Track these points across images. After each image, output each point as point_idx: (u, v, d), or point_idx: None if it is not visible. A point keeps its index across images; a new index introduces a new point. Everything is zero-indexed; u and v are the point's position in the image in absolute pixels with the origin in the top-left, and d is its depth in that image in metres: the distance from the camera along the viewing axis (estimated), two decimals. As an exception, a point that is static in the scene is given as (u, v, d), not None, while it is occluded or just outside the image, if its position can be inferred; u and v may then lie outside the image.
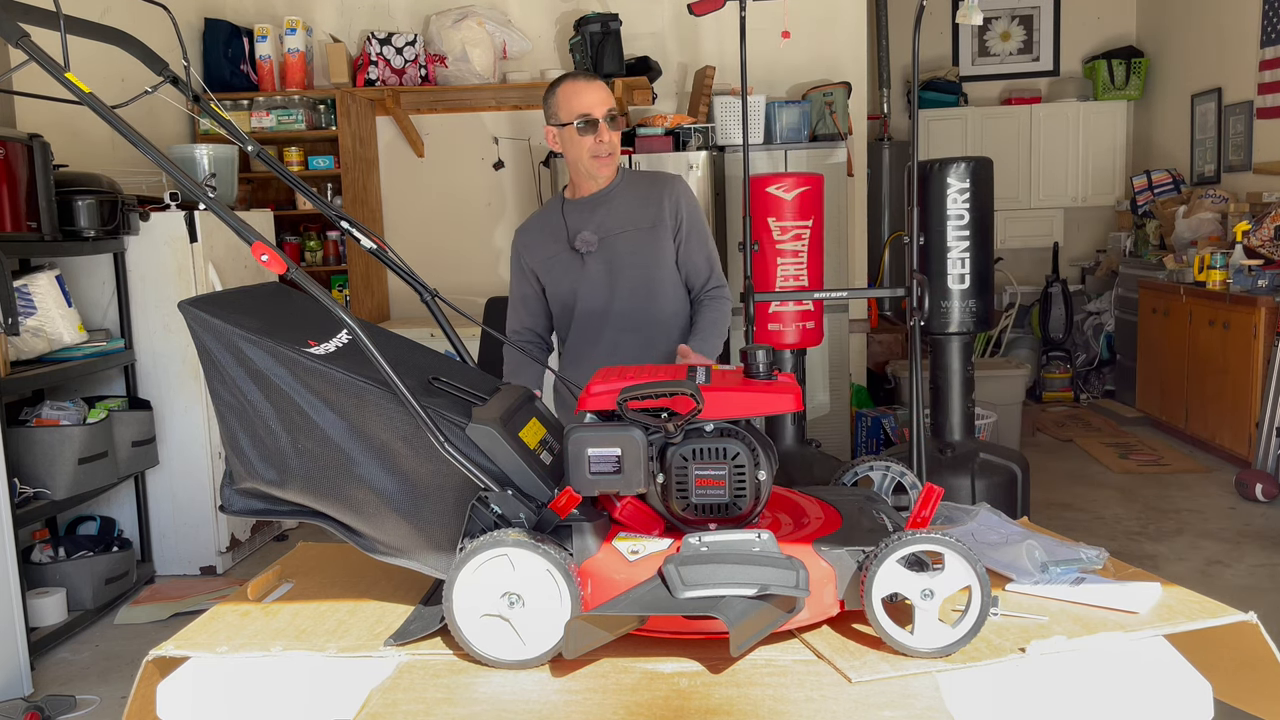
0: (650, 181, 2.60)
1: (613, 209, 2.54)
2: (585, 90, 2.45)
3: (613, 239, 2.52)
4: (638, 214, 2.54)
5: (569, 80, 2.49)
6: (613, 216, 2.54)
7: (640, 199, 2.55)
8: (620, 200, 2.55)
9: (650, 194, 2.56)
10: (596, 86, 2.47)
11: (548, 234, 2.59)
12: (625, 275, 2.53)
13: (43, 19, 1.70)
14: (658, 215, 2.54)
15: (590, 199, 2.56)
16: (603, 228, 2.53)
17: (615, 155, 2.51)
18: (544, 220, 2.63)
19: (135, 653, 3.63)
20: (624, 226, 2.53)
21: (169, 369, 4.38)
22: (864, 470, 1.95)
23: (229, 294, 1.71)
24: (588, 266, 2.53)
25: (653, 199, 2.55)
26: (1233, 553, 4.32)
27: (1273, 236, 5.43)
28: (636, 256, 2.52)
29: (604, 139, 2.45)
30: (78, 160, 4.36)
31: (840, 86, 5.64)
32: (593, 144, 2.46)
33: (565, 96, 2.46)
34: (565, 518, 1.55)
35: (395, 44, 5.68)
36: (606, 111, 2.44)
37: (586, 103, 2.44)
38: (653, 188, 2.57)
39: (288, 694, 1.51)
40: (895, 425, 5.63)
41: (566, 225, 2.55)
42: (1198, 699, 1.40)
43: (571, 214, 2.57)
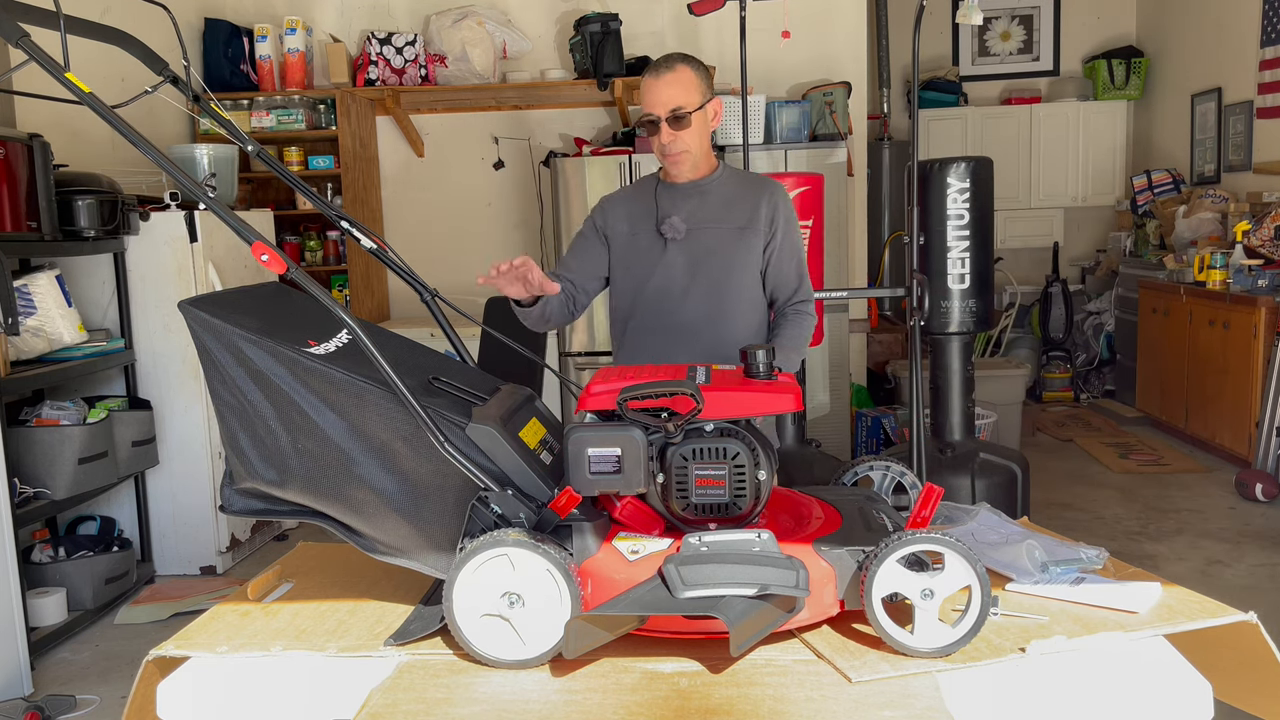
0: (751, 183, 2.51)
1: (706, 201, 2.46)
2: (651, 89, 2.37)
3: (700, 231, 2.43)
4: (731, 212, 2.46)
5: (647, 73, 2.41)
6: (705, 209, 2.45)
7: (737, 198, 2.47)
8: (716, 194, 2.47)
9: (748, 195, 2.47)
10: (665, 82, 2.36)
11: (637, 209, 2.50)
12: (705, 272, 2.44)
13: (43, 19, 1.70)
14: (751, 218, 2.45)
15: (685, 186, 2.47)
16: (693, 218, 2.44)
17: (688, 153, 2.40)
18: (635, 195, 2.53)
19: (135, 653, 3.63)
20: (714, 221, 2.44)
21: (169, 369, 4.38)
22: (864, 470, 1.95)
23: (229, 294, 1.71)
24: (669, 254, 2.44)
25: (749, 201, 2.46)
26: (1233, 553, 4.32)
27: (1273, 236, 5.43)
28: (720, 255, 2.44)
29: (664, 140, 2.37)
30: (78, 160, 4.36)
31: (840, 86, 5.64)
32: (656, 143, 2.39)
33: (642, 92, 2.40)
34: (565, 518, 1.55)
35: (395, 44, 5.68)
36: (670, 111, 2.34)
37: (650, 102, 2.37)
38: (751, 190, 2.49)
39: (288, 694, 1.51)
40: (895, 425, 5.63)
41: (658, 206, 2.46)
42: (1198, 699, 1.40)
43: (664, 197, 2.47)
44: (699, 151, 2.42)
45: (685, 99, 2.35)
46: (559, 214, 5.38)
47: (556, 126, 6.10)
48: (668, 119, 2.35)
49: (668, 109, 2.34)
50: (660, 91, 2.35)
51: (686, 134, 2.37)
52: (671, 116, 2.34)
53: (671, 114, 2.34)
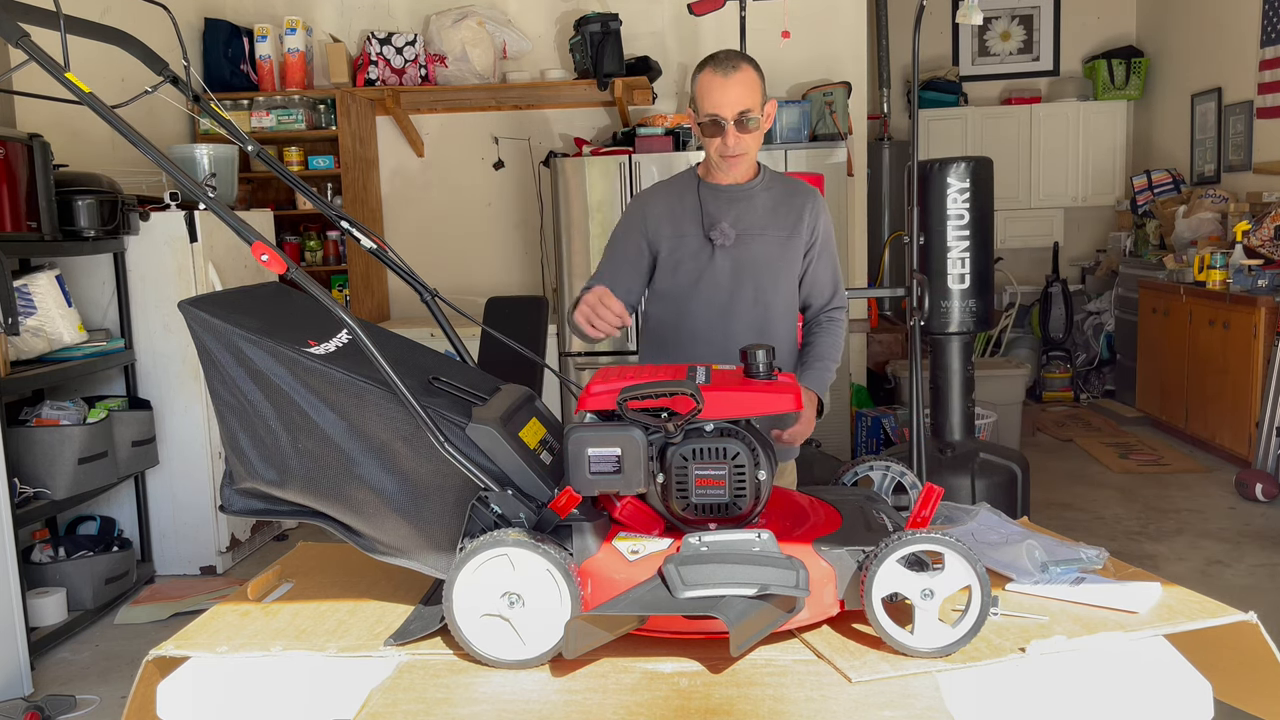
0: (793, 189, 2.46)
1: (753, 206, 2.40)
2: (720, 88, 2.27)
3: (748, 238, 2.38)
4: (778, 219, 2.41)
5: (707, 70, 2.29)
6: (751, 214, 2.40)
7: (783, 204, 2.42)
8: (761, 200, 2.41)
9: (792, 202, 2.42)
10: (734, 83, 2.26)
11: (681, 210, 2.42)
12: (751, 279, 2.39)
13: (43, 19, 1.70)
14: (796, 225, 2.41)
15: (730, 189, 2.41)
16: (740, 223, 2.38)
17: (748, 155, 2.35)
18: (676, 194, 2.45)
19: (135, 653, 3.63)
20: (761, 228, 2.39)
21: (169, 369, 4.38)
22: (864, 470, 1.95)
23: (229, 294, 1.71)
24: (716, 259, 2.38)
25: (794, 208, 2.42)
26: (1233, 553, 4.32)
27: (1273, 236, 5.43)
28: (766, 262, 2.39)
29: (730, 143, 2.29)
30: (78, 160, 4.36)
31: (840, 86, 5.64)
32: (719, 144, 2.31)
33: (701, 90, 2.30)
34: (565, 518, 1.55)
35: (395, 44, 5.68)
36: (738, 114, 2.26)
37: (716, 102, 2.27)
38: (795, 196, 2.44)
39: (288, 694, 1.51)
40: (895, 425, 5.63)
41: (703, 208, 2.39)
42: (1198, 699, 1.40)
43: (708, 198, 2.40)
44: (754, 155, 2.38)
45: (752, 101, 2.28)
46: (559, 214, 5.38)
47: (556, 126, 6.10)
48: (736, 121, 2.27)
49: (735, 110, 2.26)
50: (729, 92, 2.26)
51: (749, 138, 2.31)
52: (740, 119, 2.27)
53: (740, 116, 2.26)
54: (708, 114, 2.28)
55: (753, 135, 2.31)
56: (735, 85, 2.26)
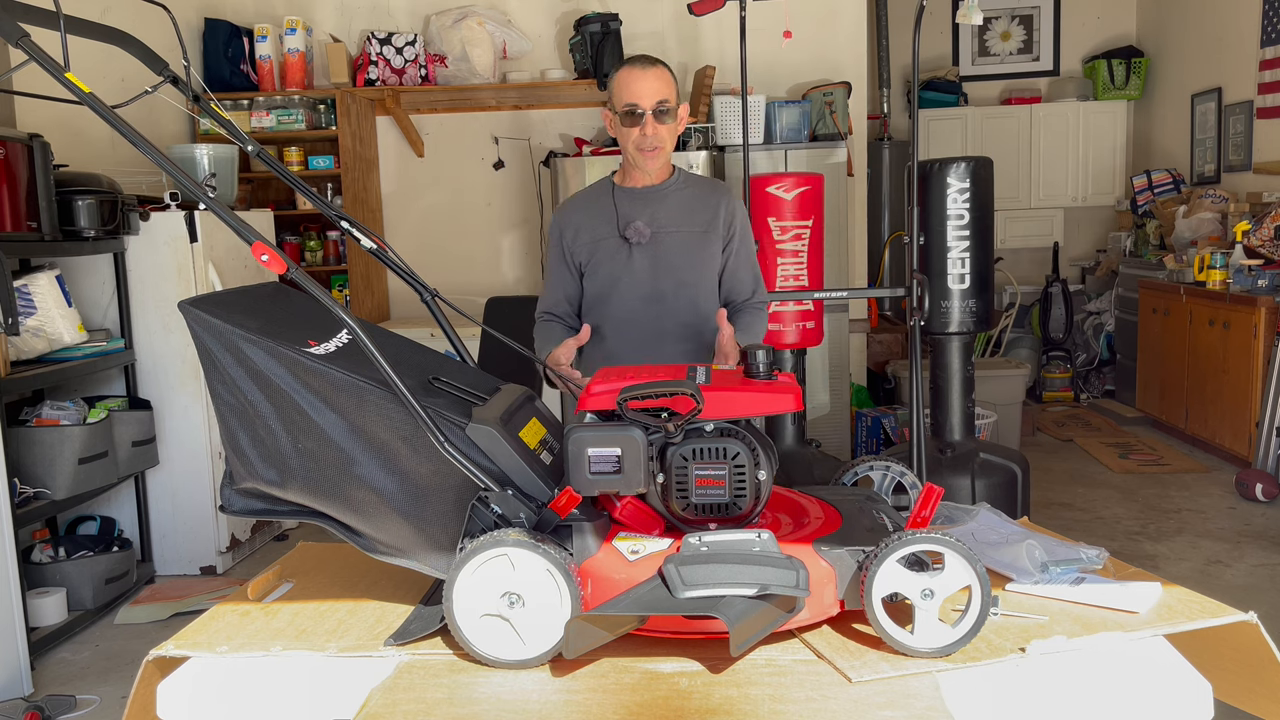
0: (707, 187, 2.54)
1: (666, 205, 2.47)
2: (638, 79, 2.36)
3: (663, 235, 2.45)
4: (692, 216, 2.47)
5: (627, 66, 2.41)
6: (666, 212, 2.46)
7: (696, 202, 2.49)
8: (675, 198, 2.48)
9: (707, 199, 2.49)
10: (652, 75, 2.36)
11: (595, 216, 2.50)
12: (669, 275, 2.45)
13: (43, 19, 1.70)
14: (711, 221, 2.47)
15: (644, 190, 2.48)
16: (655, 221, 2.45)
17: (663, 149, 2.42)
18: (591, 201, 2.54)
19: (135, 653, 3.63)
20: (677, 225, 2.46)
21: (169, 369, 4.38)
22: (864, 470, 1.95)
23: (229, 294, 1.71)
24: (634, 259, 2.45)
25: (709, 204, 2.48)
26: (1233, 553, 4.32)
27: (1273, 236, 5.43)
28: (685, 258, 2.45)
29: (648, 132, 2.37)
30: (78, 160, 4.36)
31: (840, 86, 5.64)
32: (637, 135, 2.38)
33: (619, 83, 2.39)
34: (565, 518, 1.55)
35: (395, 44, 5.68)
36: (656, 103, 2.35)
37: (635, 92, 2.36)
38: (709, 193, 2.51)
39: (288, 694, 1.51)
40: (895, 425, 5.63)
41: (617, 211, 2.47)
42: (1198, 699, 1.40)
43: (623, 201, 2.48)
44: (669, 150, 2.46)
45: (669, 94, 2.38)
46: (559, 214, 5.37)
47: (556, 126, 6.10)
48: (654, 111, 2.36)
49: (654, 100, 2.36)
50: (648, 83, 2.36)
51: (665, 130, 2.40)
52: (657, 110, 2.36)
53: (657, 106, 2.36)
54: (626, 104, 2.37)
55: (669, 128, 2.41)
56: (652, 77, 2.37)
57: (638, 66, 2.39)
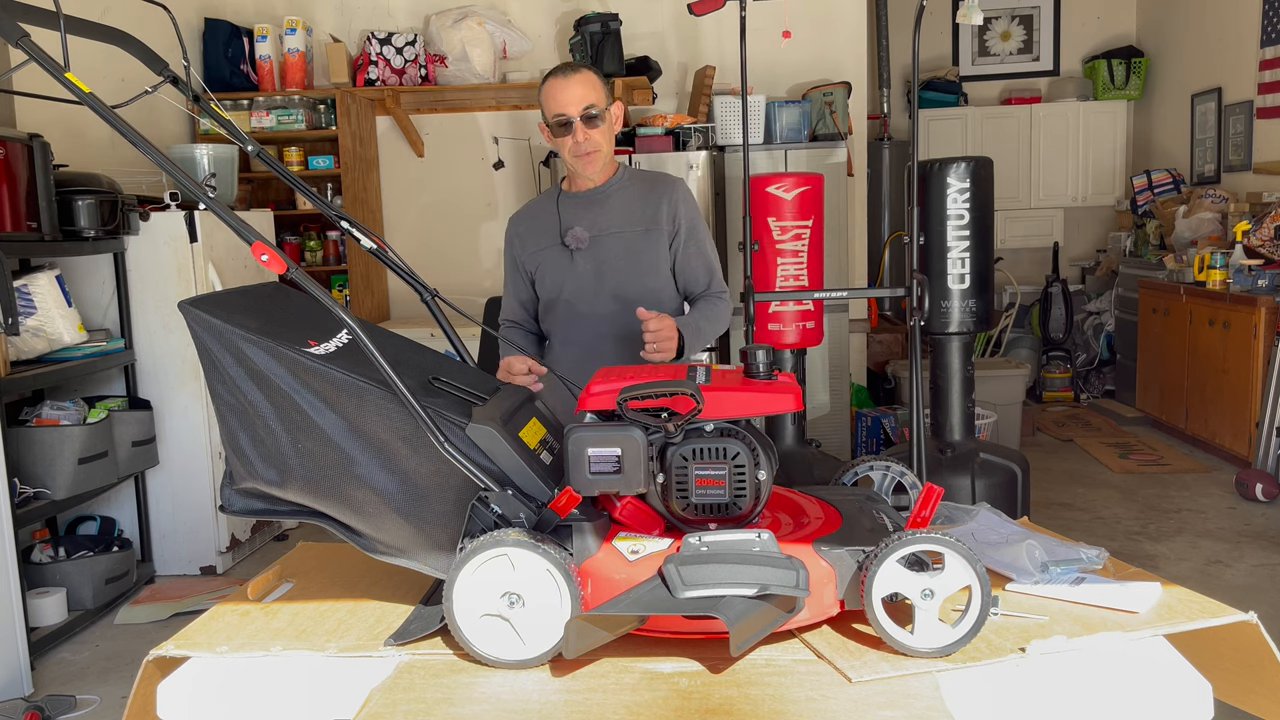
0: (650, 183, 2.54)
1: (608, 207, 2.49)
2: (561, 89, 2.38)
3: (604, 238, 2.47)
4: (633, 215, 2.48)
5: (549, 78, 2.43)
6: (607, 215, 2.48)
7: (638, 200, 2.50)
8: (617, 199, 2.50)
9: (649, 196, 2.50)
10: (574, 83, 2.38)
11: (540, 225, 2.54)
12: (614, 278, 2.47)
13: (43, 19, 1.70)
14: (653, 219, 2.48)
15: (586, 195, 2.50)
16: (595, 225, 2.47)
17: (601, 152, 2.44)
18: (537, 211, 2.57)
19: (135, 653, 3.63)
20: (618, 227, 2.47)
21: (169, 369, 4.38)
22: (864, 470, 1.95)
23: (229, 294, 1.71)
24: (576, 264, 2.47)
25: (651, 201, 2.49)
26: (1233, 553, 4.32)
27: (1273, 236, 5.43)
28: (627, 260, 2.47)
29: (580, 139, 2.39)
30: (78, 160, 4.36)
31: (840, 86, 5.64)
32: (571, 143, 2.41)
33: (546, 96, 2.42)
34: (565, 518, 1.55)
35: (395, 44, 5.68)
36: (583, 110, 2.37)
37: (561, 102, 2.38)
38: (652, 190, 2.51)
39: (288, 694, 1.51)
40: (895, 425, 5.63)
41: (560, 218, 2.49)
42: (1198, 699, 1.40)
43: (566, 208, 2.50)
44: (608, 152, 2.47)
45: (596, 98, 2.40)
46: (559, 214, 5.37)
47: (556, 126, 6.09)
48: (582, 118, 2.38)
49: (580, 107, 2.38)
50: (571, 91, 2.38)
51: (597, 133, 2.41)
52: (585, 115, 2.38)
53: (585, 112, 2.38)
54: (555, 115, 2.39)
55: (601, 131, 2.42)
56: (576, 85, 2.39)
57: (560, 76, 2.41)
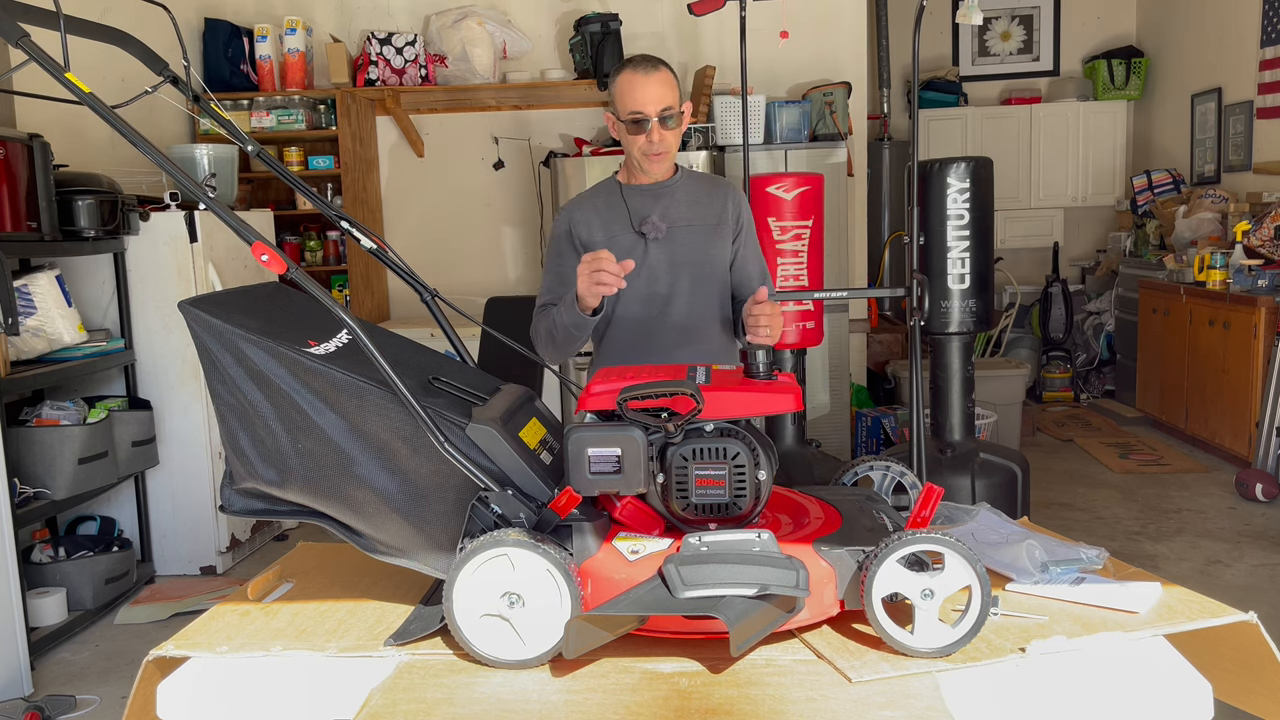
0: (711, 182, 2.55)
1: (676, 200, 2.47)
2: (641, 86, 2.34)
3: (677, 230, 2.45)
4: (701, 210, 2.48)
5: (627, 71, 2.37)
6: (676, 208, 2.47)
7: (703, 196, 2.50)
8: (682, 194, 2.49)
9: (713, 193, 2.51)
10: (655, 81, 2.34)
11: (607, 213, 2.49)
12: (685, 269, 2.45)
13: (43, 19, 1.70)
14: (721, 215, 2.49)
15: (651, 187, 2.48)
16: (668, 216, 2.45)
17: (669, 153, 2.42)
18: (600, 199, 2.52)
19: (135, 653, 3.63)
20: (689, 219, 2.46)
21: (169, 369, 4.38)
22: (864, 470, 1.95)
23: (229, 294, 1.71)
24: (650, 253, 2.44)
25: (716, 198, 2.50)
26: (1233, 553, 4.32)
27: (1273, 236, 5.43)
28: (698, 251, 2.46)
29: (654, 139, 2.36)
30: (78, 160, 4.36)
31: (840, 86, 5.64)
32: (644, 142, 2.37)
33: (622, 90, 2.37)
34: (565, 518, 1.55)
35: (395, 44, 5.68)
36: (660, 110, 2.33)
37: (639, 100, 2.34)
38: (714, 188, 2.53)
39: (288, 694, 1.51)
40: (895, 425, 5.63)
41: (628, 208, 2.46)
42: (1198, 699, 1.40)
43: (632, 197, 2.47)
44: (674, 153, 2.46)
45: (673, 99, 2.37)
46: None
47: (556, 126, 6.10)
48: (660, 118, 2.35)
49: (659, 108, 2.34)
50: (651, 90, 2.34)
51: (671, 135, 2.39)
52: (663, 116, 2.35)
53: (663, 113, 2.35)
54: (631, 112, 2.35)
55: (673, 133, 2.40)
56: (657, 84, 2.35)
57: (640, 72, 2.35)
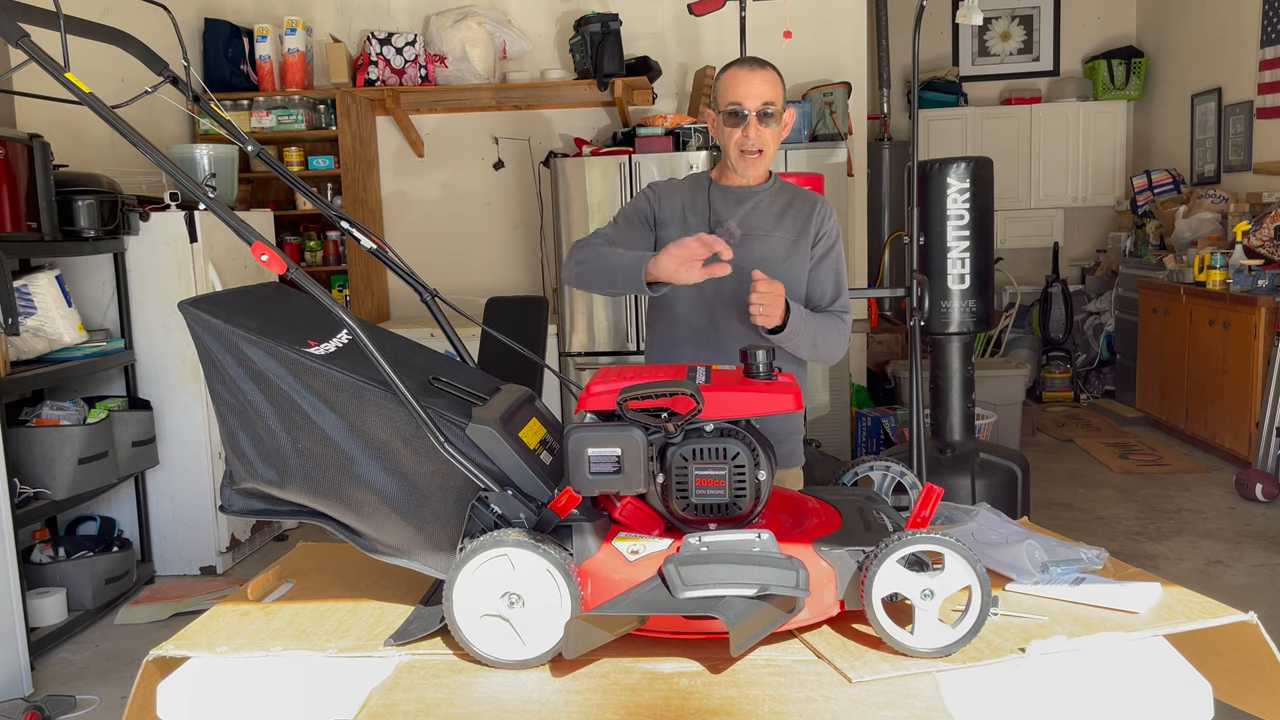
0: (801, 195, 2.46)
1: (760, 208, 2.40)
2: (744, 80, 2.28)
3: (754, 239, 2.37)
4: (783, 224, 2.40)
5: (735, 65, 2.32)
6: (758, 216, 2.40)
7: (789, 209, 2.42)
8: (768, 202, 2.41)
9: (801, 207, 2.42)
10: (759, 78, 2.29)
11: (691, 204, 2.43)
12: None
13: (43, 19, 1.70)
14: (802, 231, 2.40)
15: (739, 190, 2.42)
16: (746, 224, 2.38)
17: (765, 155, 2.35)
18: (689, 189, 2.46)
19: (135, 653, 3.63)
20: (768, 230, 2.39)
21: (169, 369, 4.38)
22: (864, 470, 1.95)
23: (229, 294, 1.71)
24: None
25: (802, 212, 2.41)
26: (1233, 553, 4.32)
27: (1273, 236, 5.43)
28: (771, 264, 2.34)
29: (749, 134, 2.30)
30: (78, 160, 4.36)
31: (840, 86, 5.64)
32: (739, 137, 2.32)
33: (725, 83, 2.32)
34: (565, 518, 1.55)
35: (395, 44, 5.68)
36: (761, 105, 2.27)
37: (740, 93, 2.29)
38: (803, 201, 2.44)
39: (287, 694, 1.51)
40: (895, 425, 5.63)
41: (711, 206, 2.41)
42: (1198, 699, 1.40)
43: (717, 197, 2.42)
44: (770, 156, 2.38)
45: (776, 97, 2.30)
46: (559, 214, 5.38)
47: (556, 127, 6.10)
48: (758, 114, 2.29)
49: (759, 102, 2.28)
50: (755, 85, 2.29)
51: (769, 133, 2.32)
52: (761, 112, 2.29)
53: (762, 108, 2.29)
54: (730, 103, 2.29)
55: (772, 132, 2.33)
56: (761, 80, 2.29)
57: (745, 68, 2.31)
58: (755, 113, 2.29)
